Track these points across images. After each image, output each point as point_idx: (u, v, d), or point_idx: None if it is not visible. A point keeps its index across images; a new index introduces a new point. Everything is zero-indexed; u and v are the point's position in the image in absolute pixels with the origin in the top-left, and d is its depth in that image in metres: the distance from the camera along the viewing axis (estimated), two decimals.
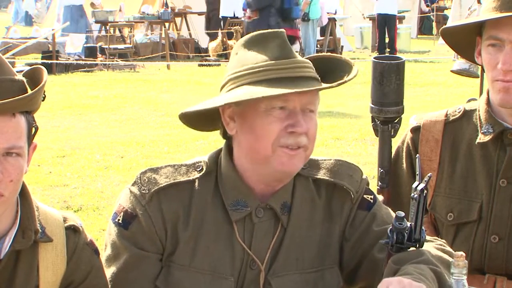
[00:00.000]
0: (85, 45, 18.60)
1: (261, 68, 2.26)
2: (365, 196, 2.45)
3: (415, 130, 2.78)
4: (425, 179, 2.19)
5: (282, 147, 2.26)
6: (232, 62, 2.35)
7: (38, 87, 2.16)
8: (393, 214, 2.31)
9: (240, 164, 2.36)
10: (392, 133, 2.78)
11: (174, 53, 19.46)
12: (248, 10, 12.43)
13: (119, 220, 2.36)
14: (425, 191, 2.17)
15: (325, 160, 2.49)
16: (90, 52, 18.14)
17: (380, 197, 2.57)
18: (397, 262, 2.16)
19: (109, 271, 2.38)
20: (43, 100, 2.22)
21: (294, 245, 2.39)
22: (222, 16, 20.25)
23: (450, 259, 2.19)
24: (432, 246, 2.32)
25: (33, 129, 2.20)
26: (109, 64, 17.41)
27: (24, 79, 2.18)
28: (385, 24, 20.48)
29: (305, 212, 2.41)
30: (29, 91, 2.16)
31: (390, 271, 2.15)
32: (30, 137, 2.19)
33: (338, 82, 2.29)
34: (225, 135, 2.40)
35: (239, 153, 2.36)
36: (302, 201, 2.41)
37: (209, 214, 2.36)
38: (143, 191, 2.35)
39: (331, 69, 2.38)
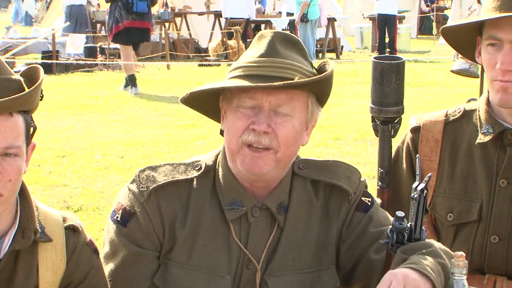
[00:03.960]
0: (85, 45, 18.59)
1: (244, 64, 2.31)
2: (363, 198, 2.45)
3: (415, 130, 2.77)
4: (425, 179, 2.19)
5: (245, 145, 2.27)
6: (240, 56, 2.42)
7: (35, 85, 2.16)
8: (391, 217, 2.31)
9: (228, 162, 2.38)
10: (392, 133, 2.77)
11: (174, 53, 19.45)
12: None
13: (117, 217, 2.38)
14: (425, 191, 2.17)
15: (323, 161, 2.50)
16: (90, 52, 18.12)
17: (378, 200, 2.57)
18: (405, 252, 2.16)
19: (107, 268, 2.39)
20: (41, 100, 2.22)
21: (290, 245, 2.40)
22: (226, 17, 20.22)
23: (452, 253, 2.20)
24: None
25: (32, 129, 2.20)
26: (109, 64, 17.39)
27: (21, 79, 2.18)
28: (385, 24, 20.48)
29: (302, 213, 2.41)
30: (27, 90, 2.15)
31: (398, 260, 2.15)
32: (29, 137, 2.19)
33: (287, 82, 2.25)
34: (222, 132, 2.42)
35: None
36: (299, 202, 2.41)
37: (207, 213, 2.37)
38: (141, 189, 2.36)
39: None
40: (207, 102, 2.43)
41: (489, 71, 2.57)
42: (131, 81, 13.18)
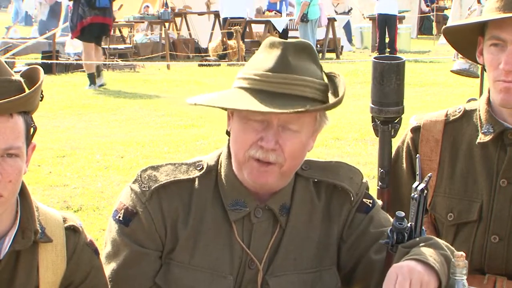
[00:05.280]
0: None
1: (254, 77, 2.28)
2: (364, 200, 2.45)
3: (415, 130, 2.77)
4: (425, 179, 2.19)
5: (253, 158, 2.27)
6: (250, 61, 2.38)
7: (35, 86, 2.16)
8: (392, 219, 2.31)
9: (233, 167, 2.37)
10: (392, 133, 2.77)
11: (174, 53, 19.45)
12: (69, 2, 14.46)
13: (119, 217, 2.38)
14: (425, 191, 2.17)
15: (326, 162, 2.50)
16: None
17: (380, 202, 2.57)
18: (406, 246, 2.17)
19: (108, 268, 2.39)
20: (41, 100, 2.22)
21: (292, 245, 2.40)
22: (224, 18, 20.22)
23: (453, 248, 2.21)
24: None
25: (32, 130, 2.20)
26: (109, 64, 17.39)
27: (22, 79, 2.18)
28: (385, 24, 20.48)
29: (304, 213, 2.42)
30: (27, 91, 2.15)
31: (400, 254, 2.16)
32: (29, 138, 2.19)
33: (303, 109, 2.22)
34: (228, 131, 2.42)
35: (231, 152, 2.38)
36: (301, 203, 2.41)
37: (209, 213, 2.37)
38: (143, 189, 2.36)
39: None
40: None
41: (492, 71, 2.57)
42: (91, 78, 13.87)
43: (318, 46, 20.76)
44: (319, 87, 2.30)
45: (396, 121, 2.76)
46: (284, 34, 20.52)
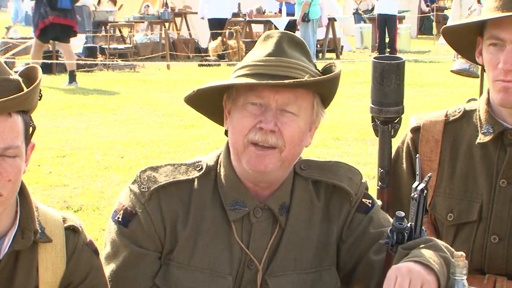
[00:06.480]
0: (85, 45, 18.59)
1: (251, 63, 2.32)
2: (363, 200, 2.46)
3: (415, 130, 2.77)
4: (425, 179, 2.19)
5: (252, 144, 2.28)
6: (246, 56, 2.43)
7: (33, 85, 2.16)
8: (391, 219, 2.31)
9: (232, 162, 2.37)
10: (392, 133, 2.77)
11: (174, 53, 19.45)
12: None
13: (119, 218, 2.38)
14: (425, 191, 2.17)
15: (325, 162, 2.50)
16: (90, 52, 18.12)
17: (379, 202, 2.57)
18: (406, 248, 2.17)
19: (108, 269, 2.39)
20: (39, 99, 2.22)
21: (292, 245, 2.40)
22: (209, 18, 20.17)
23: (452, 249, 2.20)
24: None
25: (31, 129, 2.20)
26: (109, 64, 17.39)
27: (20, 79, 2.18)
28: (385, 24, 20.49)
29: (304, 213, 2.42)
30: (25, 90, 2.15)
31: (399, 256, 2.16)
32: (28, 137, 2.19)
33: (296, 80, 2.25)
34: (226, 132, 2.42)
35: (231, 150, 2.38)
36: (300, 202, 2.41)
37: (208, 213, 2.37)
38: (142, 189, 2.36)
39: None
40: (210, 101, 2.43)
41: (491, 71, 2.57)
42: (71, 76, 14.11)
43: (318, 46, 20.76)
44: (314, 74, 2.33)
45: (396, 121, 2.75)
46: None
